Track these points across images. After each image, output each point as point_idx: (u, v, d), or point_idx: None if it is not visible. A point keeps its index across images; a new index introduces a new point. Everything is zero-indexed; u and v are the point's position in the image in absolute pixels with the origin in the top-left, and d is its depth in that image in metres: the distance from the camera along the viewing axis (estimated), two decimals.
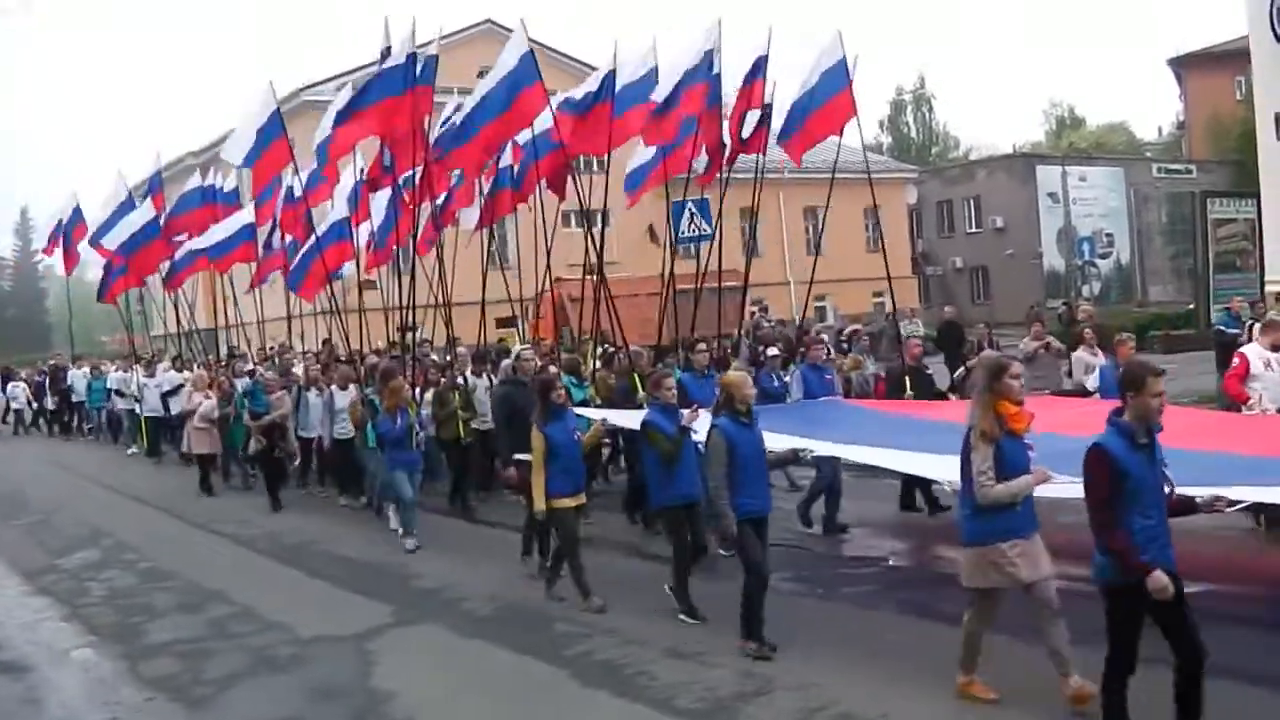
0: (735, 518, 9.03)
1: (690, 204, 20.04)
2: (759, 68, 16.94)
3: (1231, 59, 48.95)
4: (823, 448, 12.01)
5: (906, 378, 14.77)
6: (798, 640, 9.35)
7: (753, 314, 26.63)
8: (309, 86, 40.93)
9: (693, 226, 20.25)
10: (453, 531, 15.55)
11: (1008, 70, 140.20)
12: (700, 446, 9.97)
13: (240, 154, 19.17)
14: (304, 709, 9.03)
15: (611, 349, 17.72)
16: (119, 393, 28.16)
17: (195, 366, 26.02)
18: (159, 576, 13.94)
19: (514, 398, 13.25)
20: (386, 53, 17.20)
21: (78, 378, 33.02)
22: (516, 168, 19.59)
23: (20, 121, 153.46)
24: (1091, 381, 14.60)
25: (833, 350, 19.49)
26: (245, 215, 24.24)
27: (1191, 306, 30.08)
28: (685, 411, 10.53)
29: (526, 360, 14.38)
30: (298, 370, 20.97)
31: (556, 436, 10.97)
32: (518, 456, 12.20)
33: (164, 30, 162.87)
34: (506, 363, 17.41)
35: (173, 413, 24.13)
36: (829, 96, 16.22)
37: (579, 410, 12.88)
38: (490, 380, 17.43)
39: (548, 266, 19.09)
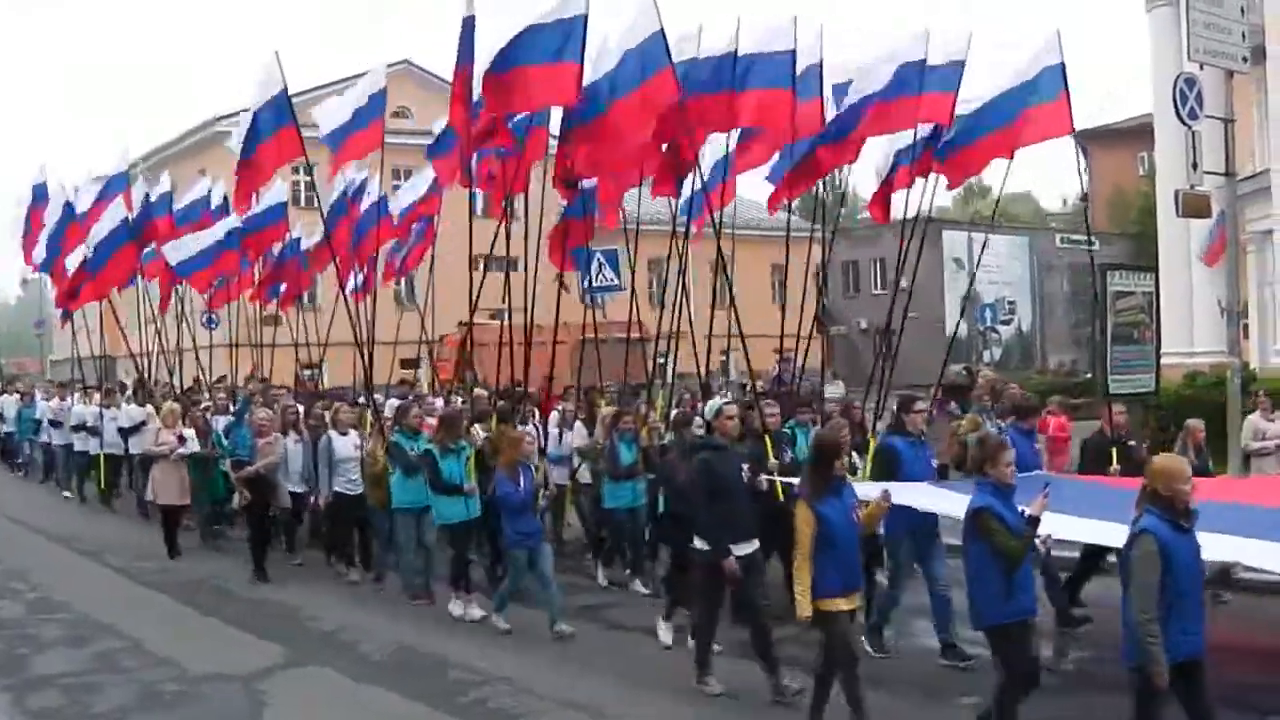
0: (1167, 664, 6.68)
1: (599, 254, 19.43)
2: (950, 77, 15.40)
3: (1134, 136, 50.50)
4: (1243, 554, 9.00)
5: (1114, 450, 12.40)
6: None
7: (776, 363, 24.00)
8: (224, 117, 40.36)
9: (601, 277, 19.88)
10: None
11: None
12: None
13: (237, 144, 17.06)
14: None
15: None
16: (54, 423, 24.19)
17: (176, 396, 21.95)
18: (48, 608, 13.65)
19: (716, 467, 9.95)
20: (470, 22, 15.53)
21: (9, 404, 28.86)
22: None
23: None
24: None
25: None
26: (218, 230, 21.26)
27: (1089, 375, 30.84)
28: (1036, 497, 7.78)
29: (729, 418, 10.77)
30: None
31: (833, 518, 8.28)
32: (739, 551, 9.55)
33: (156, 29, 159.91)
34: (700, 419, 13.68)
35: (133, 452, 20.62)
36: (1037, 104, 14.38)
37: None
38: (537, 429, 15.41)
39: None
